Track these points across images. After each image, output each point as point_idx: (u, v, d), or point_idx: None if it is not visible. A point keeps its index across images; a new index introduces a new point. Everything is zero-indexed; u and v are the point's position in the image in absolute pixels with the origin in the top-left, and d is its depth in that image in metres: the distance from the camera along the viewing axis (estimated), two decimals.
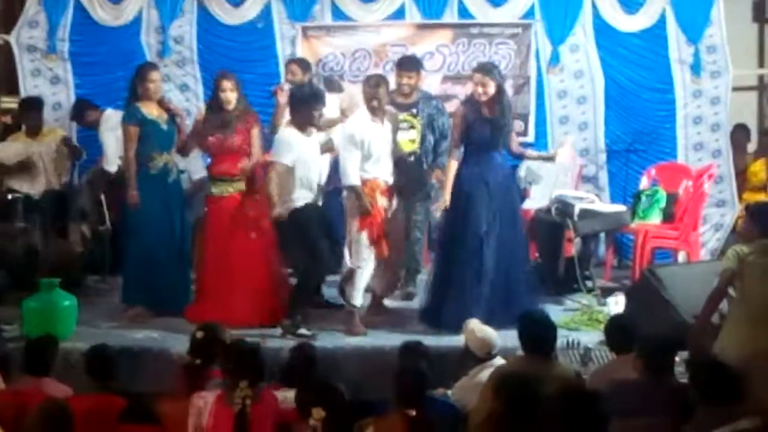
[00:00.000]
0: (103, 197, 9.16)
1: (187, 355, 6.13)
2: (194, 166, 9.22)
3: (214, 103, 8.01)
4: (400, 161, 8.01)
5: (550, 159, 8.91)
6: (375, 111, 7.67)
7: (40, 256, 8.76)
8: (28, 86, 10.41)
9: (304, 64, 9.07)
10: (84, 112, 9.73)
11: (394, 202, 7.92)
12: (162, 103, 8.15)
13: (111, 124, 8.97)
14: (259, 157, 7.96)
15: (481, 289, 7.51)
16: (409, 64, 8.66)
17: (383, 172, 7.75)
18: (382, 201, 7.71)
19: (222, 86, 7.92)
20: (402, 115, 8.25)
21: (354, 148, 7.59)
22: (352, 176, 7.59)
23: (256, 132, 7.99)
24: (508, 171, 7.97)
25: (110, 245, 9.19)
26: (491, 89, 7.59)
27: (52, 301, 7.51)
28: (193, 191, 9.11)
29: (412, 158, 8.24)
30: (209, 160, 8.38)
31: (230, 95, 7.88)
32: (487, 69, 7.81)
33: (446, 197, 7.71)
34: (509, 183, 7.94)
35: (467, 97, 8.01)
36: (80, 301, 7.78)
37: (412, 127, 8.36)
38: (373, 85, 7.72)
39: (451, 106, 8.94)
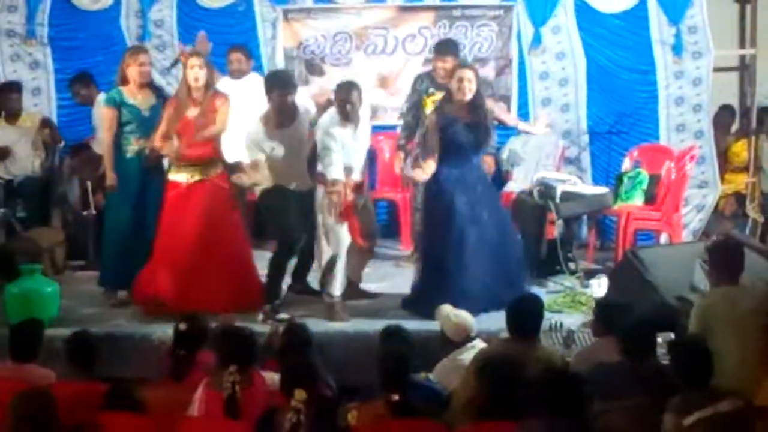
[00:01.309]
0: (89, 182, 9.10)
1: (171, 346, 6.13)
2: None
3: (183, 83, 7.76)
4: None
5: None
6: (347, 116, 7.54)
7: (22, 242, 8.71)
8: (7, 71, 10.34)
9: (246, 51, 9.00)
10: (78, 86, 9.62)
11: (363, 192, 7.89)
12: (153, 88, 8.11)
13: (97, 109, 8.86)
14: (220, 131, 7.79)
15: (467, 279, 7.48)
16: (443, 50, 8.62)
17: (353, 173, 7.66)
18: (351, 196, 7.60)
19: (190, 63, 7.68)
20: (441, 94, 8.11)
21: (329, 153, 7.47)
22: (336, 171, 7.46)
23: (224, 110, 7.73)
24: (476, 176, 7.78)
25: (94, 230, 9.18)
26: (475, 87, 7.54)
27: (34, 287, 7.50)
28: None
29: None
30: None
31: (198, 72, 7.64)
32: (472, 66, 7.88)
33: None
34: (491, 182, 7.91)
35: (438, 103, 7.89)
36: (62, 287, 7.76)
37: None
38: (346, 91, 7.58)
39: None
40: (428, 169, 7.60)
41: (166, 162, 7.95)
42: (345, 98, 7.53)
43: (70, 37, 10.41)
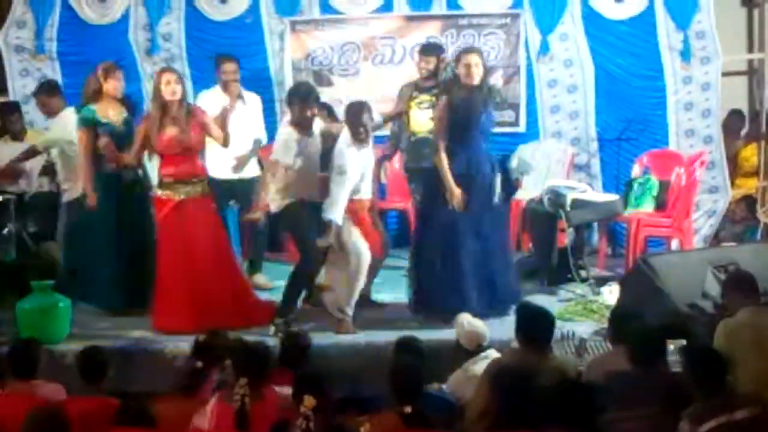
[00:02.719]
0: None
1: (190, 358, 6.14)
2: None
3: (158, 99, 7.61)
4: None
5: None
6: (359, 137, 7.56)
7: (33, 258, 8.73)
8: (16, 87, 10.37)
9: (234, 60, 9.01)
10: (43, 96, 9.26)
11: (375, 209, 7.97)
12: (124, 102, 8.15)
13: (63, 122, 8.63)
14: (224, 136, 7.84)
15: (460, 276, 7.51)
16: (426, 50, 8.72)
17: (367, 192, 7.75)
18: (367, 215, 7.74)
19: (165, 79, 7.57)
20: (423, 96, 8.43)
21: (343, 180, 7.49)
22: (336, 211, 7.49)
23: (208, 120, 7.74)
24: (489, 159, 7.76)
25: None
26: (482, 71, 7.58)
27: (46, 303, 7.49)
28: None
29: (431, 136, 8.13)
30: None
31: (175, 87, 7.55)
32: (477, 50, 7.91)
33: (451, 190, 7.53)
34: (490, 172, 7.70)
35: (445, 85, 7.89)
36: (74, 303, 7.76)
37: (433, 106, 8.26)
38: (356, 112, 7.61)
39: None
40: (443, 161, 7.54)
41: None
42: (356, 121, 7.56)
43: (79, 52, 10.41)
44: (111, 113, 7.95)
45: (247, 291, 8.03)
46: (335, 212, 7.45)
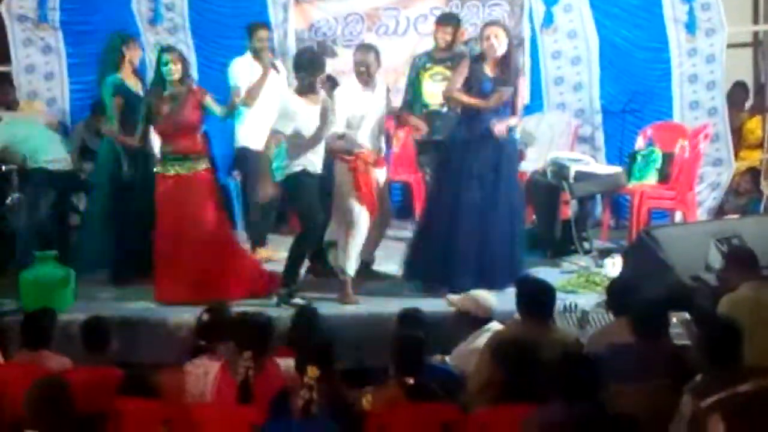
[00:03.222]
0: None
1: (193, 337, 6.16)
2: None
3: (158, 78, 7.78)
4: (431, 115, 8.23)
5: None
6: (364, 79, 7.66)
7: (36, 229, 8.72)
8: (20, 56, 10.35)
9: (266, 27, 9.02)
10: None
11: (384, 170, 7.94)
12: (137, 74, 8.28)
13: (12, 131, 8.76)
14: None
15: (456, 248, 7.55)
16: (444, 19, 8.74)
17: (373, 141, 7.77)
18: (373, 172, 7.74)
19: (163, 59, 7.68)
20: (437, 68, 8.45)
21: (356, 110, 7.64)
22: (361, 135, 7.68)
23: (209, 100, 7.82)
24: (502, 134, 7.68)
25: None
26: (504, 43, 7.53)
27: (49, 274, 7.53)
28: None
29: (445, 109, 8.19)
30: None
31: (173, 67, 7.65)
32: (499, 22, 8.00)
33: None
34: (503, 145, 7.68)
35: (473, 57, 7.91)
36: (77, 273, 7.78)
37: (446, 79, 8.26)
38: (363, 52, 7.72)
39: None
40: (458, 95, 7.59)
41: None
42: (361, 61, 7.65)
43: (82, 21, 10.40)
44: (132, 83, 8.11)
45: (249, 262, 8.08)
46: (361, 137, 7.69)
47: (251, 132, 8.55)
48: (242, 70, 8.61)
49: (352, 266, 7.69)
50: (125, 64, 8.14)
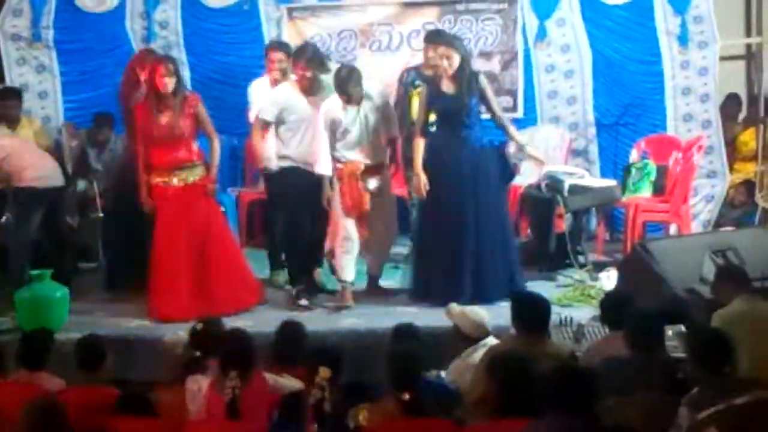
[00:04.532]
0: (95, 184, 9.10)
1: (187, 347, 6.16)
2: None
3: (153, 89, 7.71)
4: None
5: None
6: (347, 99, 7.72)
7: (30, 247, 8.71)
8: (13, 75, 10.35)
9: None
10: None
11: (379, 179, 7.93)
12: None
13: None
14: (213, 135, 7.91)
15: (458, 265, 7.57)
16: (433, 37, 8.52)
17: (361, 155, 7.80)
18: (363, 182, 7.77)
19: (160, 71, 7.64)
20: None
21: (324, 131, 7.70)
22: (322, 164, 7.73)
23: (202, 111, 7.81)
24: (480, 144, 7.82)
25: (102, 233, 9.22)
26: (456, 62, 7.61)
27: (44, 292, 7.51)
28: None
29: (433, 128, 8.16)
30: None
31: (168, 80, 7.63)
32: (449, 40, 7.91)
33: (417, 175, 7.69)
34: (484, 159, 7.78)
35: (428, 77, 8.06)
36: (72, 291, 7.77)
37: None
38: (344, 76, 7.70)
39: None
40: (418, 148, 7.71)
41: None
42: (342, 85, 7.66)
43: (76, 40, 10.42)
44: None
45: (244, 275, 8.05)
46: (322, 166, 7.75)
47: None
48: (258, 92, 8.63)
49: (347, 273, 7.77)
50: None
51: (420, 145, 7.71)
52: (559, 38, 10.17)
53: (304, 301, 7.60)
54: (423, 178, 7.62)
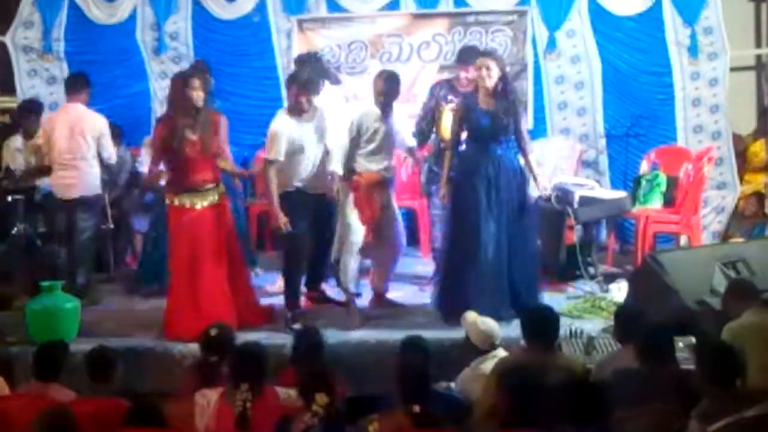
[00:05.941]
0: (106, 196, 9.12)
1: (201, 353, 6.19)
2: None
3: (182, 102, 7.41)
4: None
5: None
6: (383, 106, 7.70)
7: (43, 259, 8.75)
8: (24, 87, 10.43)
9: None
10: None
11: (388, 192, 7.94)
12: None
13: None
14: (227, 156, 7.85)
15: (485, 282, 7.46)
16: (466, 58, 8.34)
17: (382, 165, 7.77)
18: (378, 194, 7.74)
19: (192, 84, 7.39)
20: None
21: (348, 134, 7.66)
22: (336, 163, 7.68)
23: (224, 131, 7.65)
24: (512, 164, 7.72)
25: (113, 244, 9.25)
26: (495, 73, 7.49)
27: (55, 304, 7.52)
28: None
29: (462, 146, 8.10)
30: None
31: (201, 94, 7.40)
32: (492, 54, 7.83)
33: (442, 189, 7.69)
34: (514, 176, 7.67)
35: (465, 92, 7.95)
36: (83, 303, 7.78)
37: None
38: (385, 79, 7.72)
39: None
40: (445, 162, 7.68)
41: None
42: (382, 88, 7.68)
43: (87, 52, 10.49)
44: None
45: (249, 295, 7.99)
46: (335, 164, 7.69)
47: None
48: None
49: (351, 283, 7.78)
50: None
51: (448, 158, 7.66)
52: (570, 49, 10.18)
53: (298, 326, 7.50)
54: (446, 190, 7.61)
